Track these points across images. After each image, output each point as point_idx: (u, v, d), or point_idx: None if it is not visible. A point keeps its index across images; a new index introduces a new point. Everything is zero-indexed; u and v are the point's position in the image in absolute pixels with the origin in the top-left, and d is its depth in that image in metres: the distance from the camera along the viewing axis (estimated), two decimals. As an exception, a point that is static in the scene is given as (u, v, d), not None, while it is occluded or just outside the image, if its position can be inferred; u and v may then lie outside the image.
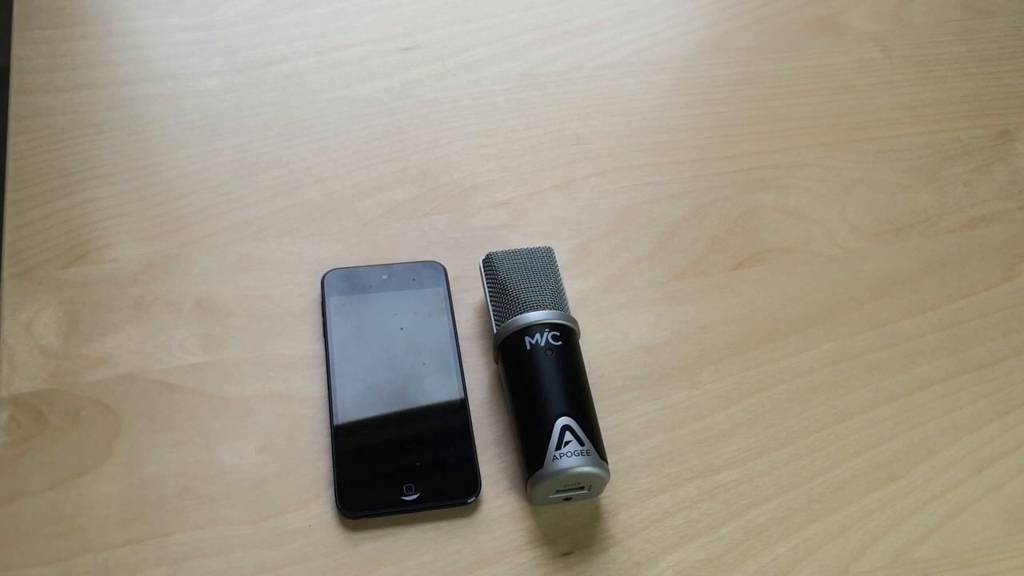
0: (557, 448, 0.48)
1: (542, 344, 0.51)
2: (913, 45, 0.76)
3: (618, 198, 0.64)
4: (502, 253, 0.55)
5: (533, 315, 0.52)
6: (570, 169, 0.66)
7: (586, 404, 0.51)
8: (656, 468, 0.53)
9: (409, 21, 0.73)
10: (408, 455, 0.52)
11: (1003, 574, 0.51)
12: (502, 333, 0.53)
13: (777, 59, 0.74)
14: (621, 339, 0.58)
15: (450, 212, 0.63)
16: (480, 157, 0.66)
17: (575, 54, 0.73)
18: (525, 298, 0.53)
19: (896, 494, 0.53)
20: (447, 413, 0.53)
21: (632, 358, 0.57)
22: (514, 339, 0.52)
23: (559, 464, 0.48)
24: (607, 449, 0.53)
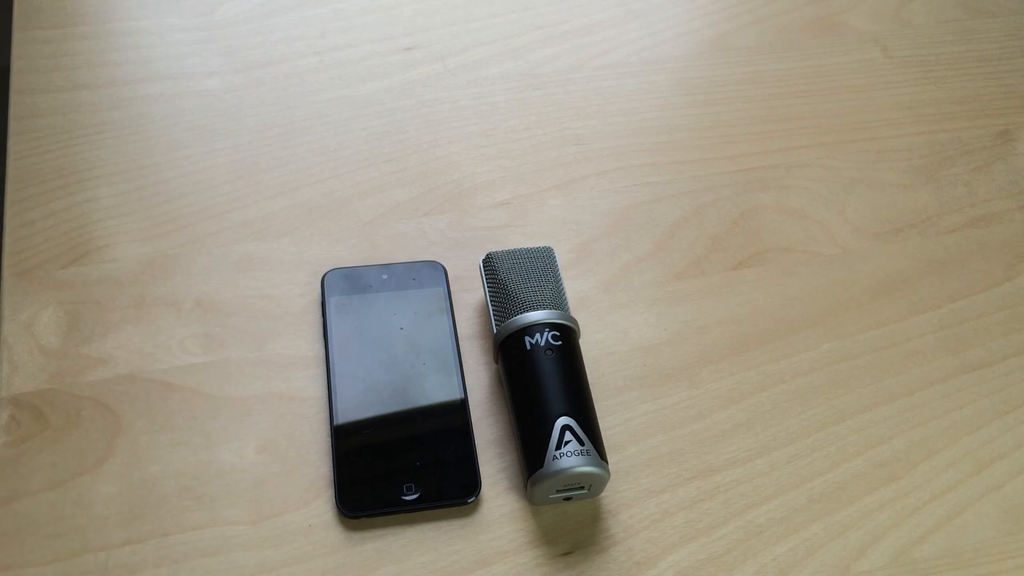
0: (557, 448, 0.48)
1: (542, 344, 0.51)
2: (913, 45, 0.76)
3: (618, 198, 0.64)
4: (502, 253, 0.55)
5: (533, 315, 0.52)
6: (570, 169, 0.66)
7: (586, 404, 0.51)
8: (656, 468, 0.53)
9: (409, 21, 0.73)
10: (408, 455, 0.52)
11: (1003, 574, 0.51)
12: (502, 333, 0.53)
13: (777, 59, 0.74)
14: (621, 339, 0.58)
15: (450, 212, 0.63)
16: (480, 157, 0.66)
17: (575, 54, 0.73)
18: (525, 298, 0.53)
19: (896, 494, 0.53)
20: (447, 413, 0.53)
21: (632, 358, 0.57)
22: (514, 339, 0.52)
23: (559, 464, 0.48)
24: (607, 449, 0.53)
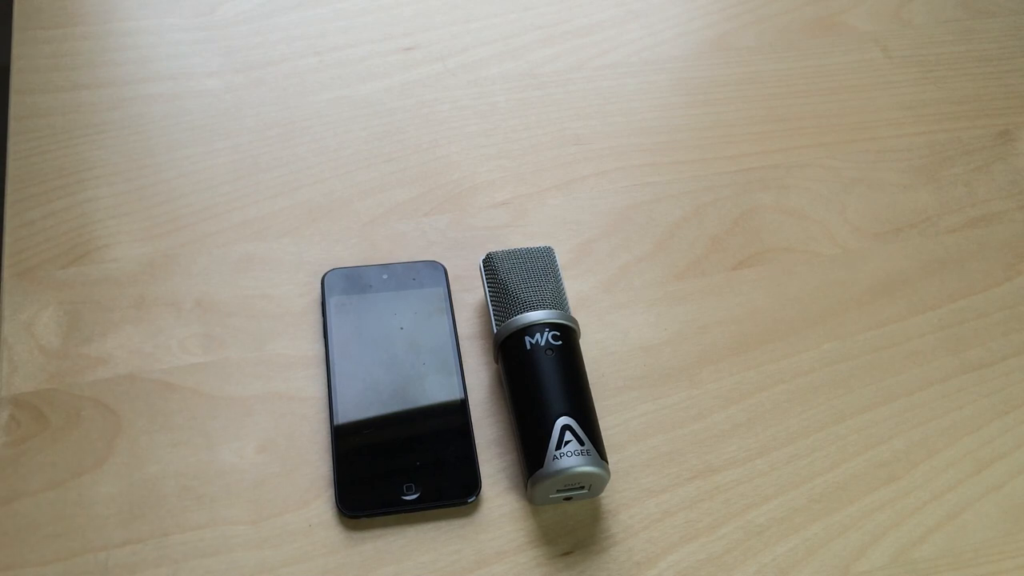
0: (557, 448, 0.48)
1: (542, 344, 0.51)
2: (913, 45, 0.76)
3: (618, 198, 0.64)
4: (502, 253, 0.55)
5: (533, 315, 0.52)
6: (570, 169, 0.66)
7: (586, 404, 0.51)
8: (656, 468, 0.53)
9: (409, 21, 0.73)
10: (408, 455, 0.52)
11: (1003, 574, 0.51)
12: (502, 333, 0.53)
13: (777, 59, 0.74)
14: (621, 339, 0.58)
15: (450, 212, 0.63)
16: (480, 157, 0.66)
17: (575, 54, 0.73)
18: (525, 298, 0.53)
19: (896, 494, 0.53)
20: (447, 413, 0.53)
21: (632, 358, 0.57)
22: (514, 339, 0.52)
23: (559, 464, 0.48)
24: (607, 449, 0.53)
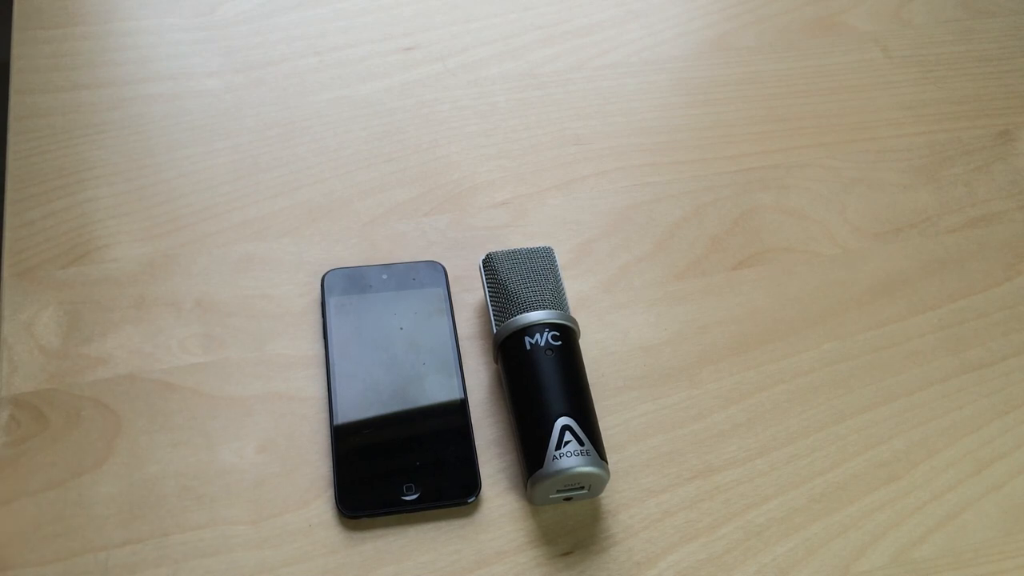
0: (557, 448, 0.48)
1: (542, 344, 0.51)
2: (913, 45, 0.76)
3: (618, 198, 0.64)
4: (502, 253, 0.55)
5: (533, 315, 0.52)
6: (570, 169, 0.66)
7: (586, 404, 0.51)
8: (656, 468, 0.53)
9: (409, 21, 0.73)
10: (408, 455, 0.52)
11: (1003, 574, 0.51)
12: (502, 333, 0.53)
13: (777, 59, 0.74)
14: (621, 339, 0.58)
15: (450, 212, 0.63)
16: (480, 157, 0.66)
17: (575, 54, 0.73)
18: (525, 298, 0.53)
19: (896, 494, 0.53)
20: (447, 413, 0.53)
21: (632, 358, 0.57)
22: (514, 339, 0.52)
23: (559, 464, 0.48)
24: (607, 449, 0.53)
